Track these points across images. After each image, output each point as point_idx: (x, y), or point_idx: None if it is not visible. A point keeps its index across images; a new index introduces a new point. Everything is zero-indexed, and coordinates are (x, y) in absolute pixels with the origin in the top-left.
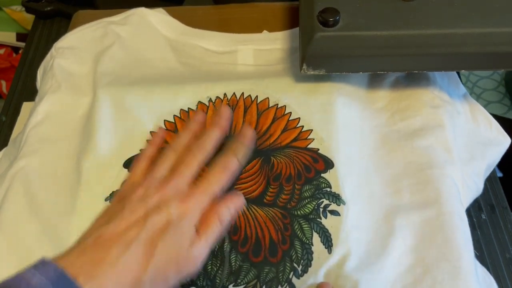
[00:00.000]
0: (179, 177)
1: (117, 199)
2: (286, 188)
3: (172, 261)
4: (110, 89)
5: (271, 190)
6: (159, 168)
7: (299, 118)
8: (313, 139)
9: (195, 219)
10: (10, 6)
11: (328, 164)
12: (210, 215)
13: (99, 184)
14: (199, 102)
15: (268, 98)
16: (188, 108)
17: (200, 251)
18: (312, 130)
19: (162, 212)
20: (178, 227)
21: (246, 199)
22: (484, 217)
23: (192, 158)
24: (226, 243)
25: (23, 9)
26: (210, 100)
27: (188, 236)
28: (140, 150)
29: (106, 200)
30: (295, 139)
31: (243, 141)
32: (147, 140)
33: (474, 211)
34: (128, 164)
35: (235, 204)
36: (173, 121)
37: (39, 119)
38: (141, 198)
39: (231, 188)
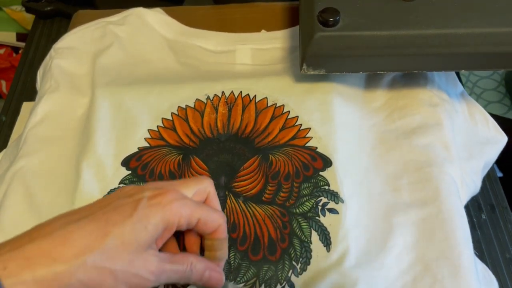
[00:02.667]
0: None
1: None
2: (284, 186)
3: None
4: (108, 89)
5: (269, 188)
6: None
7: (297, 116)
8: (311, 137)
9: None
10: (10, 6)
11: (327, 162)
12: (188, 258)
13: (97, 183)
14: (197, 99)
15: (266, 98)
16: (186, 105)
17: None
18: (310, 128)
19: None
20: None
21: (245, 196)
22: (484, 217)
23: None
24: None
25: (23, 9)
26: (208, 97)
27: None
28: (138, 148)
29: None
30: (293, 138)
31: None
32: (145, 139)
33: (474, 211)
34: (126, 163)
35: (213, 280)
36: (171, 118)
37: (38, 119)
38: None
39: (230, 186)
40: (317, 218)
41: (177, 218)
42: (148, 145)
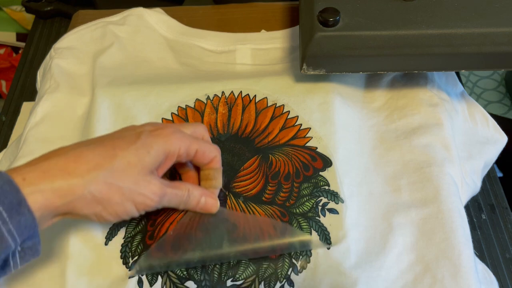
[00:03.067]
0: None
1: None
2: (284, 186)
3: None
4: (108, 89)
5: (269, 188)
6: None
7: (297, 116)
8: (311, 137)
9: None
10: (10, 6)
11: (327, 162)
12: (186, 185)
13: None
14: (197, 99)
15: (266, 97)
16: (186, 105)
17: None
18: (310, 128)
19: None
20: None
21: (245, 197)
22: (484, 217)
23: None
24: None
25: (23, 9)
26: (208, 97)
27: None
28: None
29: None
30: (293, 137)
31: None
32: None
33: (474, 211)
34: None
35: (209, 205)
36: (171, 118)
37: (38, 119)
38: None
39: (230, 186)
40: (317, 218)
41: (177, 147)
42: None
